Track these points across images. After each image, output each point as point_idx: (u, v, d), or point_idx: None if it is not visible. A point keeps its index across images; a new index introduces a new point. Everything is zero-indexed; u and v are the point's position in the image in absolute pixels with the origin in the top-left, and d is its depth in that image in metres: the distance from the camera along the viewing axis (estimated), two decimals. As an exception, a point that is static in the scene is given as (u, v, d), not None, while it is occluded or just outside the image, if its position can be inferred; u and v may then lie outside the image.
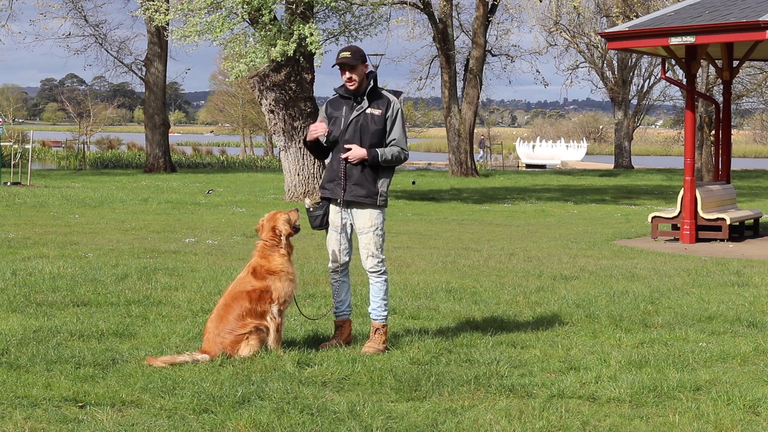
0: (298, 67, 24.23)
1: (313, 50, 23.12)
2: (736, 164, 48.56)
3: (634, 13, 37.89)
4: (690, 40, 15.69)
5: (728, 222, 16.47)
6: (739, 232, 17.40)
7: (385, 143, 7.35)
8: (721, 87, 18.70)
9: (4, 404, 5.64)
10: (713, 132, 35.66)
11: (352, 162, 7.27)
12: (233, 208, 22.65)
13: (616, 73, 57.26)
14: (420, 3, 41.05)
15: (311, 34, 22.70)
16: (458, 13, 46.52)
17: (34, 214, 19.34)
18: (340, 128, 7.36)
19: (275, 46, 22.84)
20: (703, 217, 16.49)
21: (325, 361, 6.80)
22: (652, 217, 17.04)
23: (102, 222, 18.13)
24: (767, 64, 42.25)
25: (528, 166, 63.68)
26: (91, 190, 26.84)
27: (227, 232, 16.66)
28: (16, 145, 34.53)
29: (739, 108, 55.22)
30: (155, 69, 41.84)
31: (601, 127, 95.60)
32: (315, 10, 24.29)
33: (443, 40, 41.26)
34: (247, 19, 23.90)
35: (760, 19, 14.71)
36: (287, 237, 7.26)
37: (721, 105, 18.74)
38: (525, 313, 9.02)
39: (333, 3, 23.65)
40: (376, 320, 7.39)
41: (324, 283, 10.18)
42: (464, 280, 10.99)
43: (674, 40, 15.81)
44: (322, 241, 10.07)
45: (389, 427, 5.42)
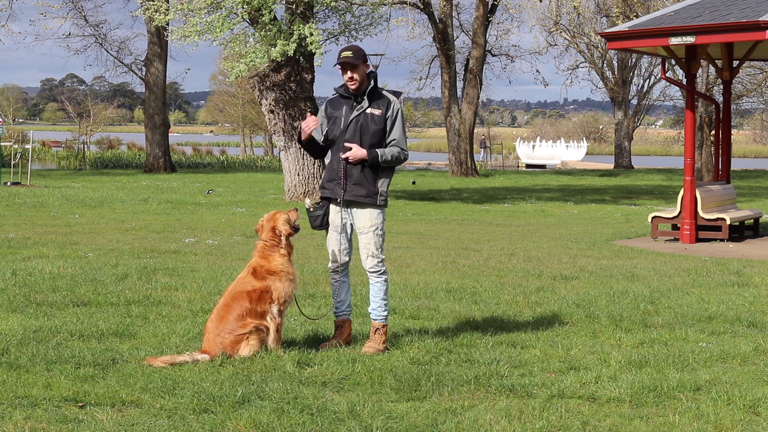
0: (298, 67, 24.24)
1: (313, 50, 23.13)
2: (736, 164, 48.57)
3: (634, 13, 37.89)
4: (690, 40, 15.69)
5: (728, 222, 16.47)
6: (739, 232, 17.40)
7: (385, 143, 7.36)
8: (721, 87, 18.70)
9: (4, 404, 5.64)
10: (713, 132, 35.67)
11: (352, 162, 7.28)
12: (233, 208, 22.65)
13: (616, 73, 57.28)
14: (420, 3, 41.06)
15: (311, 34, 22.70)
16: (458, 13, 46.59)
17: (34, 214, 19.34)
18: (340, 128, 7.35)
19: (275, 46, 22.84)
20: (703, 217, 16.49)
21: (325, 361, 6.80)
22: (652, 217, 17.04)
23: (102, 222, 18.13)
24: (767, 64, 42.25)
25: (528, 166, 63.70)
26: (91, 190, 26.84)
27: (227, 232, 16.65)
28: (16, 145, 34.54)
29: (739, 108, 55.23)
30: (155, 69, 41.86)
31: (601, 127, 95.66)
32: (315, 10, 24.29)
33: (443, 40, 41.27)
34: (247, 19, 23.91)
35: (760, 19, 14.71)
36: (287, 237, 7.26)
37: (721, 105, 18.74)
38: (525, 313, 9.02)
39: (333, 3, 23.65)
40: (376, 320, 7.39)
41: (324, 283, 10.18)
42: (464, 280, 10.98)
43: (674, 40, 15.81)
44: (322, 241, 10.07)
45: (389, 427, 5.42)
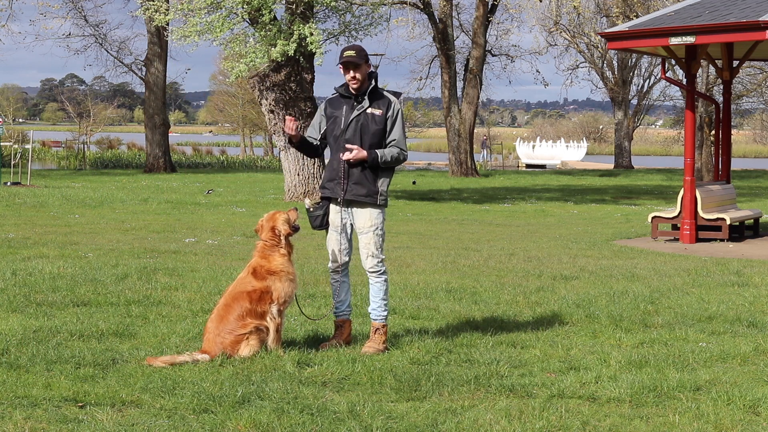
0: (298, 67, 24.24)
1: (314, 50, 23.13)
2: (736, 164, 48.56)
3: (634, 13, 37.88)
4: (690, 40, 15.69)
5: (728, 222, 16.47)
6: (739, 232, 17.40)
7: (385, 143, 7.36)
8: (721, 87, 18.70)
9: (4, 404, 5.64)
10: (713, 132, 35.66)
11: (353, 163, 7.29)
12: (233, 208, 22.65)
13: (616, 73, 57.27)
14: (420, 3, 41.05)
15: (311, 34, 22.70)
16: (458, 13, 46.57)
17: (34, 214, 19.34)
18: (341, 127, 7.36)
19: (275, 46, 22.84)
20: (703, 217, 16.49)
21: (325, 361, 6.80)
22: (652, 217, 17.04)
23: (102, 222, 18.13)
24: (767, 64, 42.24)
25: (528, 166, 63.69)
26: (91, 190, 26.83)
27: (227, 232, 16.65)
28: (16, 145, 34.53)
29: (739, 108, 55.22)
30: (155, 69, 41.86)
31: (601, 127, 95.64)
32: (315, 10, 24.29)
33: (443, 40, 41.26)
34: (247, 19, 23.91)
35: (760, 19, 14.71)
36: (287, 237, 7.26)
37: (721, 105, 18.74)
38: (525, 313, 9.02)
39: (333, 3, 23.65)
40: (376, 320, 7.39)
41: (324, 283, 10.18)
42: (464, 280, 10.98)
43: (674, 40, 15.81)
44: (322, 241, 10.07)
45: (389, 427, 5.42)
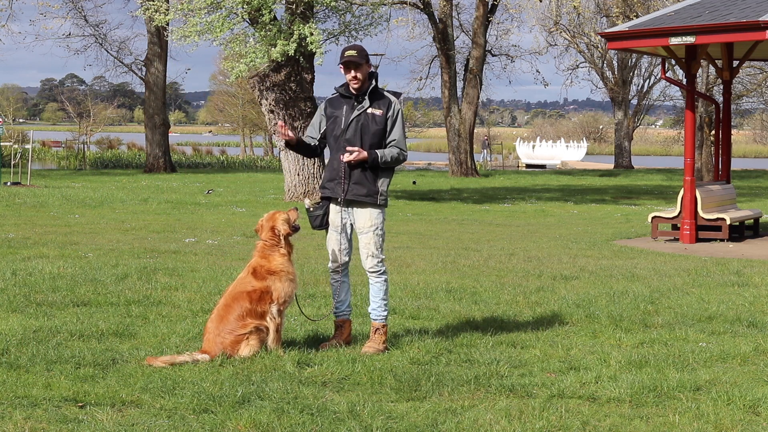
0: (298, 67, 24.24)
1: (314, 50, 23.13)
2: (736, 164, 48.56)
3: (634, 13, 37.88)
4: (690, 40, 15.69)
5: (728, 222, 16.47)
6: (739, 232, 17.40)
7: (385, 144, 7.36)
8: (721, 87, 18.70)
9: (4, 404, 5.64)
10: (713, 132, 35.66)
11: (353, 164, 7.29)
12: (233, 208, 22.65)
13: (616, 73, 57.28)
14: (420, 3, 41.05)
15: (311, 34, 22.70)
16: (458, 13, 46.58)
17: (34, 214, 19.34)
18: (341, 127, 7.36)
19: (275, 46, 22.84)
20: (703, 217, 16.49)
21: (325, 361, 6.80)
22: (652, 217, 17.04)
23: (102, 222, 18.13)
24: (767, 64, 42.25)
25: (528, 166, 63.70)
26: (91, 190, 26.83)
27: (227, 232, 16.65)
28: (16, 145, 34.54)
29: (739, 108, 55.23)
30: (155, 69, 41.86)
31: (601, 127, 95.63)
32: (315, 10, 24.29)
33: (443, 40, 41.26)
34: (247, 19, 23.91)
35: (760, 19, 14.71)
36: (287, 237, 7.26)
37: (721, 105, 18.74)
38: (525, 313, 9.02)
39: (333, 3, 23.65)
40: (376, 320, 7.39)
41: (324, 283, 10.18)
42: (464, 280, 10.98)
43: (674, 40, 15.81)
44: (322, 241, 10.07)
45: (389, 427, 5.42)
